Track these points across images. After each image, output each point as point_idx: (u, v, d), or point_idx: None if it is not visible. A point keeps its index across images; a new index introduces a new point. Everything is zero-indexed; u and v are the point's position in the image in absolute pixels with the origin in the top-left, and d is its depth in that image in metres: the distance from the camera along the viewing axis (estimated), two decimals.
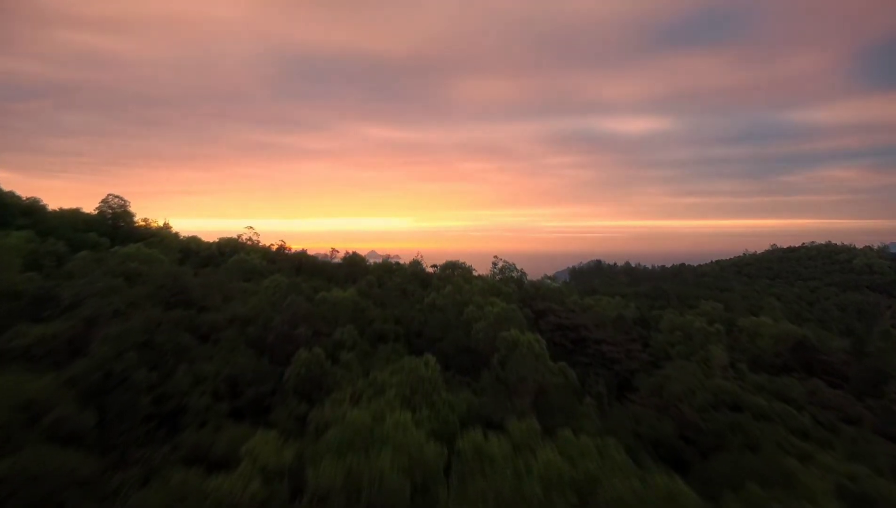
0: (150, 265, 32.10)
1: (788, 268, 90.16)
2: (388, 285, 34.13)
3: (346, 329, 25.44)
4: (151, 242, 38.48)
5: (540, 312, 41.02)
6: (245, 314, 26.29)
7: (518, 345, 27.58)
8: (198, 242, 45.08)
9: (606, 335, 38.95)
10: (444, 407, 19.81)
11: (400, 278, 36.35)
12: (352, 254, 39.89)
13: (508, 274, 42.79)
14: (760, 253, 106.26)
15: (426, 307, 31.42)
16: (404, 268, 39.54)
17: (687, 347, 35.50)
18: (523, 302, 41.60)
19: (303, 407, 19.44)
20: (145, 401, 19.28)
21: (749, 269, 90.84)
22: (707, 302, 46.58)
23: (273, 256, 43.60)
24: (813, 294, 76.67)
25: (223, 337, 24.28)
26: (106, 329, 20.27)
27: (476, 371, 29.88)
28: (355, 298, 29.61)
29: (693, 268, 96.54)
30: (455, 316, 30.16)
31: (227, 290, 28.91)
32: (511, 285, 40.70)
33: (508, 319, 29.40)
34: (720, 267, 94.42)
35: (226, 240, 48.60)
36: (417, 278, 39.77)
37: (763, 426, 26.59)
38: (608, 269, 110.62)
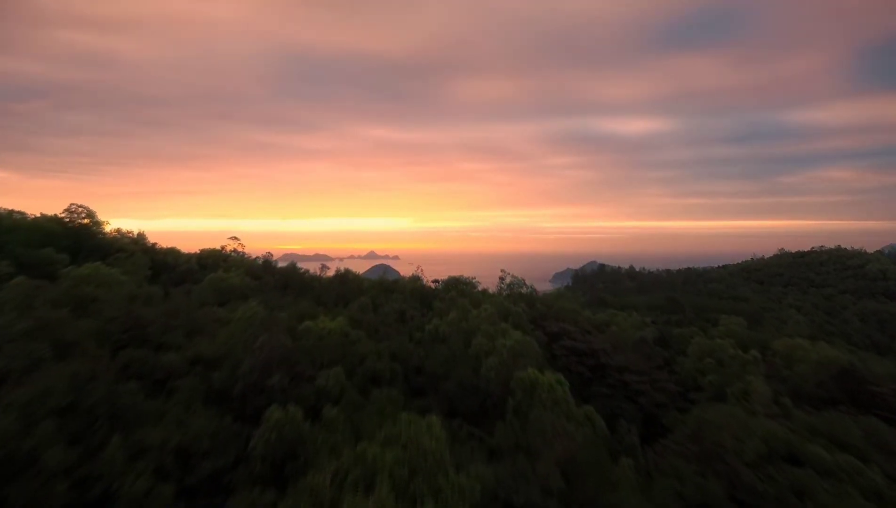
0: (108, 289, 27.20)
1: (799, 274, 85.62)
2: (385, 309, 29.39)
3: (333, 372, 20.64)
4: (119, 258, 33.56)
5: (553, 335, 36.32)
6: (211, 354, 21.50)
7: (537, 388, 22.86)
8: (175, 255, 40.12)
9: (629, 361, 34.29)
10: (452, 495, 15.07)
11: (398, 299, 31.59)
12: (344, 271, 35.02)
13: (517, 290, 38.13)
14: (768, 257, 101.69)
15: (427, 336, 26.67)
16: (403, 285, 34.72)
17: (720, 376, 30.93)
18: (534, 323, 36.96)
19: (269, 495, 14.70)
20: (61, 489, 14.51)
21: (758, 275, 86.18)
22: (728, 317, 41.96)
23: (258, 271, 38.73)
24: (828, 302, 72.25)
25: (180, 387, 19.49)
26: (15, 390, 15.47)
27: (486, 416, 25.23)
28: (345, 328, 24.81)
29: (700, 273, 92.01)
30: (461, 349, 25.42)
31: (194, 321, 24.07)
32: (521, 304, 35.91)
33: (524, 353, 24.73)
34: (728, 273, 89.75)
35: (208, 251, 43.64)
36: (418, 295, 34.98)
37: (829, 486, 22.08)
38: (612, 273, 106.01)
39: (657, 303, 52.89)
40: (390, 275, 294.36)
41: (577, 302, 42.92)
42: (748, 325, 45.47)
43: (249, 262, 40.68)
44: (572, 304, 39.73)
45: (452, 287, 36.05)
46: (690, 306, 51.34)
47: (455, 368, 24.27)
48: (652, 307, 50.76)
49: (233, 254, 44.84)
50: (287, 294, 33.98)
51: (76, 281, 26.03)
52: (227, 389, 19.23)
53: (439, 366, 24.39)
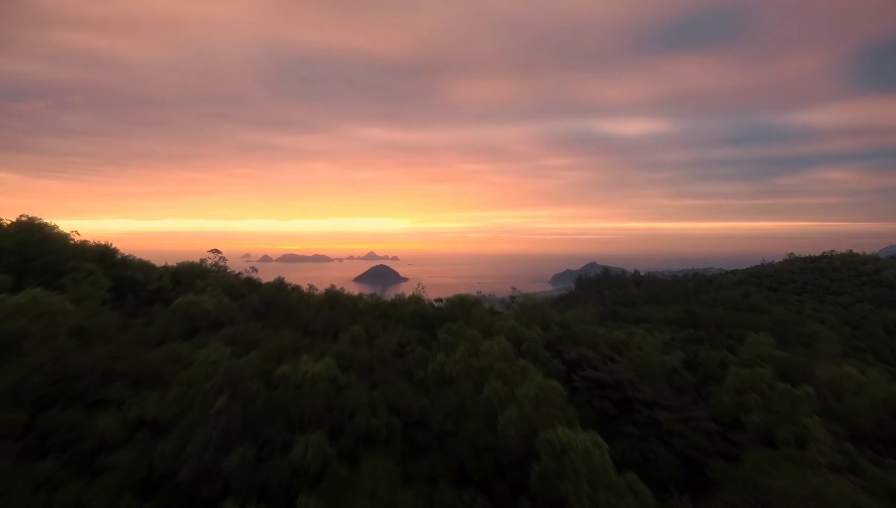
0: (48, 322, 22.28)
1: (813, 281, 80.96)
2: (381, 339, 24.58)
3: (312, 439, 15.91)
4: (74, 278, 28.63)
5: (572, 363, 31.64)
6: (160, 414, 16.74)
7: (567, 452, 18.22)
8: (147, 270, 35.12)
9: (659, 394, 29.59)
10: None
11: (396, 326, 26.84)
12: (335, 292, 29.98)
13: (529, 308, 33.47)
14: (778, 262, 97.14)
15: (431, 377, 21.96)
16: (402, 307, 29.82)
17: (768, 416, 26.35)
18: (550, 348, 32.28)
19: None
20: None
21: (770, 281, 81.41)
22: (756, 335, 37.34)
23: (240, 289, 33.77)
24: (847, 311, 67.74)
25: (113, 465, 14.76)
26: None
27: (504, 478, 20.56)
28: (332, 371, 20.07)
29: (709, 279, 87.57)
30: (471, 395, 20.71)
31: (146, 365, 19.26)
32: (535, 327, 31.17)
33: (549, 401, 20.10)
34: (738, 279, 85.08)
35: (185, 266, 38.66)
36: (419, 318, 30.21)
37: None
38: (616, 278, 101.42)
39: (674, 317, 48.38)
40: (390, 277, 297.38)
41: (593, 320, 38.31)
42: (776, 344, 41.06)
43: (230, 279, 35.66)
44: (590, 326, 34.97)
45: (458, 306, 31.23)
46: (710, 320, 46.86)
47: (465, 421, 19.62)
48: (669, 321, 46.22)
49: (214, 267, 39.90)
50: (269, 319, 29.18)
51: (6, 313, 21.15)
52: (172, 471, 14.50)
53: (446, 418, 19.72)
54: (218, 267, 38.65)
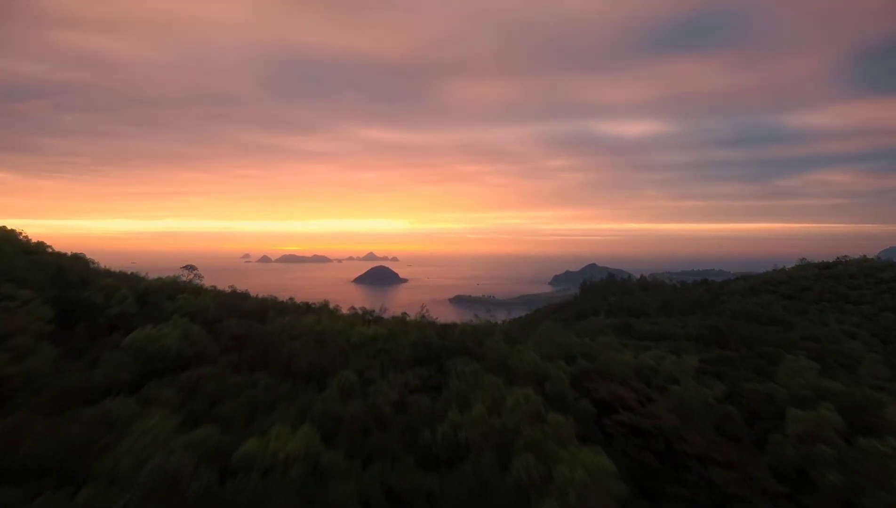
0: None
1: (830, 288, 75.97)
2: (378, 385, 19.49)
3: None
4: (7, 308, 23.31)
5: (602, 403, 26.30)
6: None
7: None
8: (108, 290, 29.68)
9: (710, 445, 24.17)
10: None
11: (396, 364, 21.67)
12: (323, 328, 24.10)
13: (549, 336, 28.43)
14: (790, 268, 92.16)
15: (441, 444, 16.90)
16: (403, 338, 24.31)
17: (846, 476, 21.28)
18: (576, 384, 27.07)
19: None
20: None
21: (785, 288, 76.10)
22: (795, 358, 32.18)
23: (214, 315, 28.14)
24: (871, 322, 63.02)
25: None
26: None
27: None
28: (313, 447, 14.99)
29: (719, 286, 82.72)
30: (494, 473, 15.70)
31: (58, 446, 14.13)
32: (559, 361, 26.08)
33: (602, 489, 15.05)
34: (750, 286, 79.91)
35: (157, 283, 33.29)
36: (422, 348, 24.90)
37: None
38: (622, 283, 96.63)
39: (696, 332, 43.43)
40: (390, 278, 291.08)
41: (617, 345, 33.13)
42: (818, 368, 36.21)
43: (206, 300, 30.03)
44: (618, 353, 29.79)
45: (469, 334, 25.82)
46: (735, 335, 41.91)
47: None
48: (691, 337, 41.21)
49: (189, 285, 34.46)
50: (246, 353, 23.87)
51: None
52: None
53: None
54: (194, 285, 33.34)
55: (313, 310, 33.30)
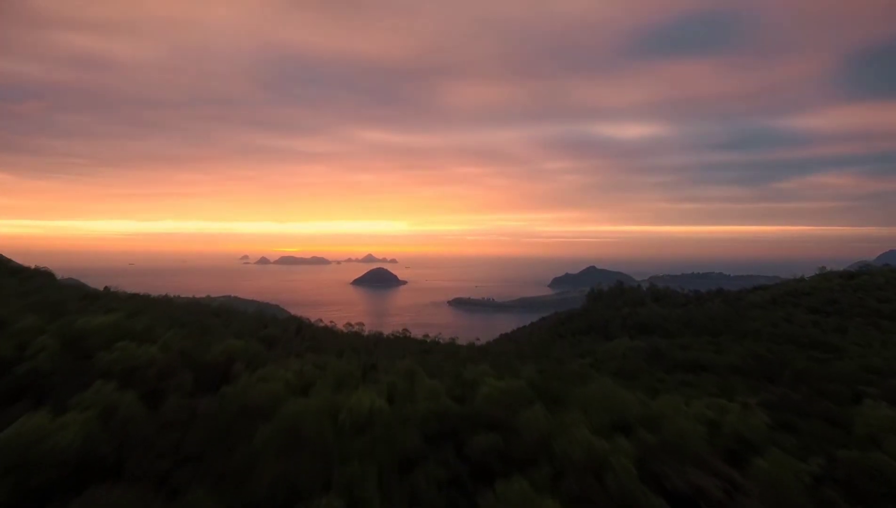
0: None
1: (857, 301, 69.31)
2: (389, 487, 13.43)
3: None
4: None
5: (679, 497, 19.57)
6: None
7: None
8: (25, 333, 22.51)
9: None
10: None
11: (402, 472, 15.22)
12: (300, 410, 17.55)
13: (599, 398, 22.49)
14: (811, 277, 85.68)
15: None
16: (411, 409, 16.90)
17: None
18: (641, 468, 20.21)
19: None
20: None
21: (808, 301, 69.04)
22: (874, 404, 26.28)
23: (162, 370, 19.88)
24: None
25: None
26: None
27: None
28: None
29: (737, 296, 76.86)
30: None
31: None
32: (617, 438, 19.59)
33: None
34: (771, 297, 73.50)
35: (100, 323, 26.40)
36: (435, 421, 18.02)
37: None
38: (631, 292, 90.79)
39: (738, 361, 37.05)
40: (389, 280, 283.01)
41: (681, 404, 26.42)
42: None
43: (151, 353, 21.41)
44: (689, 422, 23.12)
45: (496, 404, 18.69)
46: (783, 365, 35.57)
47: None
48: (734, 368, 35.10)
49: (133, 330, 27.24)
50: (183, 451, 16.64)
51: None
52: None
53: None
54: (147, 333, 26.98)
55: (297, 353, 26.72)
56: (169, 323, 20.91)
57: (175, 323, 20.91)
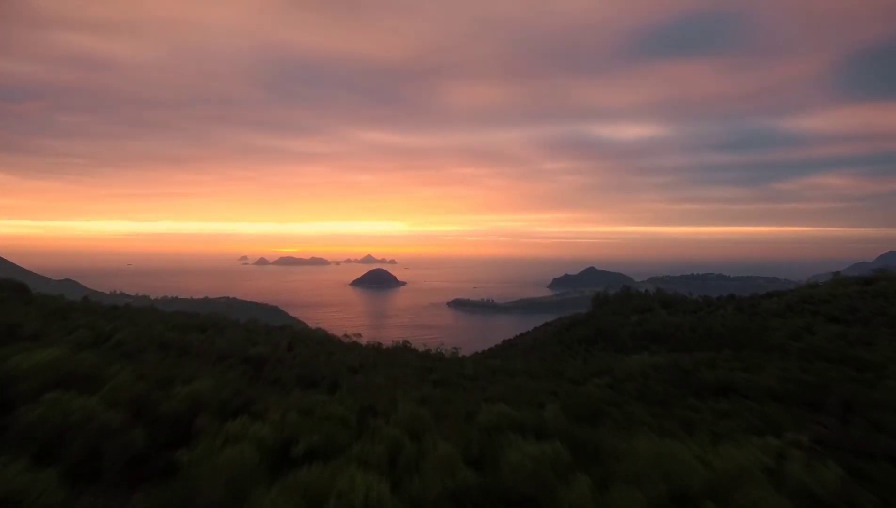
0: None
1: (879, 309, 67.20)
2: None
3: None
4: None
5: None
6: None
7: None
8: None
9: None
10: None
11: None
12: None
13: (650, 461, 19.82)
14: (826, 283, 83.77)
15: None
16: (423, 486, 12.20)
17: None
18: None
19: None
20: None
21: (828, 309, 67.04)
22: None
23: (99, 443, 15.56)
24: None
25: None
26: None
27: None
28: None
29: (749, 302, 74.65)
30: None
31: None
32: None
33: None
34: (786, 304, 71.56)
35: (36, 361, 23.88)
36: (455, 505, 13.45)
37: None
38: (638, 296, 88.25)
39: (777, 386, 34.22)
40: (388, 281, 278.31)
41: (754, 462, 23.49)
42: None
43: (91, 406, 16.91)
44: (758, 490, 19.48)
45: (533, 477, 14.93)
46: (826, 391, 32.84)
47: None
48: (773, 394, 32.11)
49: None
50: None
51: None
52: None
53: None
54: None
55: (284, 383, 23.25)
56: (137, 348, 18.38)
57: (143, 350, 18.44)
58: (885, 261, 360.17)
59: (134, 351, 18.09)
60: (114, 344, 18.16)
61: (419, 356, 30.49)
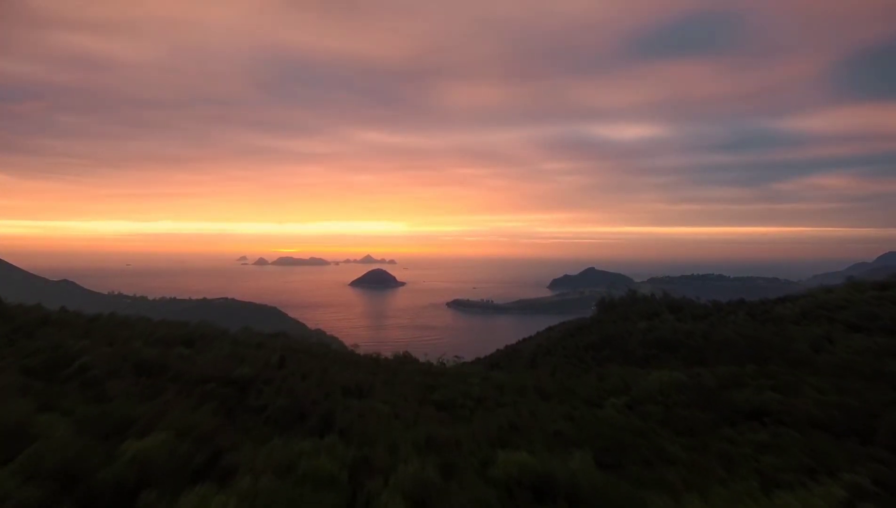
0: None
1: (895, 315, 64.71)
2: None
3: None
4: None
5: None
6: None
7: None
8: None
9: None
10: None
11: None
12: None
13: None
14: (840, 288, 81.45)
15: None
16: None
17: None
18: None
19: None
20: None
21: (845, 316, 64.23)
22: None
23: None
24: None
25: None
26: None
27: None
28: None
29: (762, 307, 72.64)
30: None
31: None
32: None
33: None
34: (800, 310, 69.05)
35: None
36: None
37: None
38: (645, 301, 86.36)
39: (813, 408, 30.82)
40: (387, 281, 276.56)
41: None
42: None
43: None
44: None
45: None
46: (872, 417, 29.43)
47: None
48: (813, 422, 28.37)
49: None
50: None
51: None
52: None
53: None
54: None
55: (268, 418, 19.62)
56: (106, 373, 16.34)
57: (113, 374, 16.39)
58: (884, 262, 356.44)
59: (100, 377, 15.87)
60: (76, 370, 15.98)
61: (420, 370, 28.86)
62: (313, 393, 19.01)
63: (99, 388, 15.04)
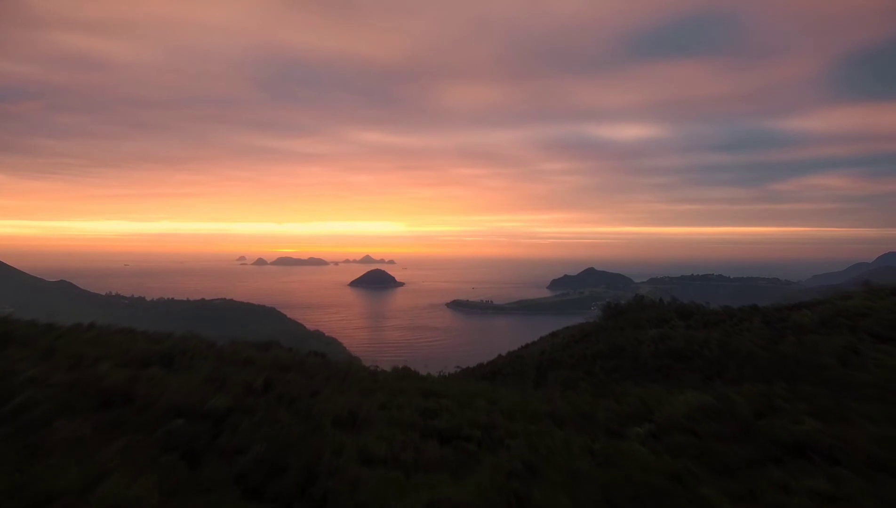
0: None
1: None
2: None
3: None
4: None
5: None
6: None
7: None
8: None
9: None
10: None
11: None
12: None
13: None
14: (856, 292, 79.08)
15: None
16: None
17: None
18: None
19: None
20: None
21: (868, 324, 61.07)
22: None
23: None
24: None
25: None
26: None
27: None
28: None
29: (777, 315, 70.45)
30: None
31: None
32: None
33: None
34: (820, 318, 66.42)
35: None
36: None
37: None
38: (653, 307, 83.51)
39: (866, 443, 28.76)
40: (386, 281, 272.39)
41: None
42: None
43: None
44: None
45: None
46: None
47: None
48: (877, 462, 25.72)
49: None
50: None
51: None
52: None
53: None
54: None
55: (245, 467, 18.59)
56: (54, 409, 13.89)
57: (65, 410, 14.23)
58: (884, 262, 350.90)
59: (46, 416, 13.33)
60: (13, 409, 13.46)
61: (420, 388, 26.28)
62: (298, 429, 16.47)
63: (38, 434, 12.55)
